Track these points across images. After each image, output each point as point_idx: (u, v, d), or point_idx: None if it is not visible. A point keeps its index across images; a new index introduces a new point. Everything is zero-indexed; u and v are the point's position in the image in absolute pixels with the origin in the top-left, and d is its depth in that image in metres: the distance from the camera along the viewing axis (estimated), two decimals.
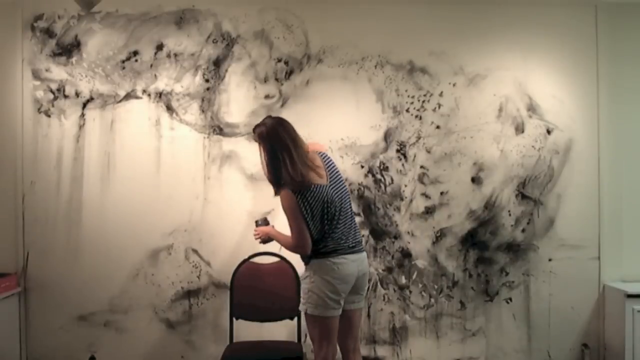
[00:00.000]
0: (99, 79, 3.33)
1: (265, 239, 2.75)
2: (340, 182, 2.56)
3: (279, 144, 2.45)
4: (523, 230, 3.39)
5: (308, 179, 2.44)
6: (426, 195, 3.37)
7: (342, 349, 2.61)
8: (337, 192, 2.51)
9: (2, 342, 3.13)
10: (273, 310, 3.11)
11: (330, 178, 2.51)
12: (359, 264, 2.51)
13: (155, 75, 3.33)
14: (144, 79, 3.33)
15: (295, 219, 2.44)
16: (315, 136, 3.33)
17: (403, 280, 3.37)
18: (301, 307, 2.53)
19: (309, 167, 2.46)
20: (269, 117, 2.62)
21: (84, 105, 3.33)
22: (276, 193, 2.52)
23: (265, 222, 2.81)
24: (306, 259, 2.53)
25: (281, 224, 3.29)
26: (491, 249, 3.38)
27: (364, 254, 2.58)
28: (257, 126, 2.56)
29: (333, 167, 2.57)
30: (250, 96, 3.34)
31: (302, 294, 2.54)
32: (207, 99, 3.34)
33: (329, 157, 2.59)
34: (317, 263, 2.47)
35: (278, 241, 2.68)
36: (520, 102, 3.39)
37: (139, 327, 3.31)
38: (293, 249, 2.53)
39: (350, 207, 2.59)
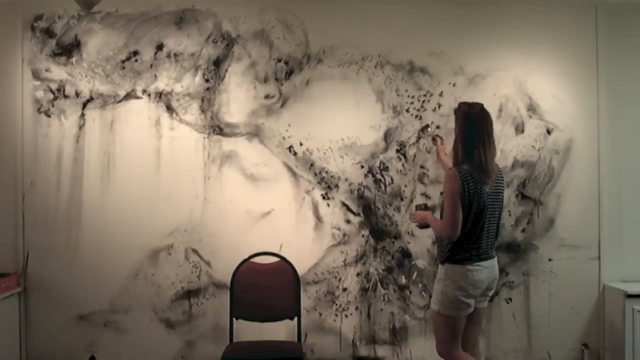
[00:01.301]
0: (99, 79, 3.33)
1: (422, 224, 2.82)
2: (499, 195, 2.65)
3: (481, 127, 2.57)
4: (523, 230, 3.39)
5: (486, 174, 2.55)
6: (426, 196, 3.37)
7: (462, 342, 2.71)
8: (492, 202, 2.60)
9: (2, 342, 3.13)
10: (273, 310, 3.11)
11: (493, 188, 2.61)
12: (490, 269, 2.63)
13: (155, 75, 3.33)
14: (144, 79, 3.33)
15: (453, 200, 2.52)
16: (315, 136, 3.34)
17: (403, 280, 3.37)
18: (433, 307, 2.66)
19: (489, 169, 2.57)
20: (479, 104, 2.70)
21: (84, 105, 3.33)
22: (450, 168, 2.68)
23: (426, 207, 2.90)
24: (442, 258, 2.64)
25: (281, 223, 3.32)
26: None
27: (496, 259, 2.69)
28: (465, 104, 2.69)
29: (501, 182, 2.68)
30: (250, 96, 3.35)
31: (434, 294, 2.66)
32: (207, 99, 3.34)
33: (501, 173, 2.72)
34: (452, 268, 2.58)
35: (431, 224, 2.73)
36: (520, 102, 3.39)
37: (139, 327, 3.31)
38: (443, 229, 2.57)
39: (499, 219, 2.68)
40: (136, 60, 3.33)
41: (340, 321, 3.35)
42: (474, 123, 2.58)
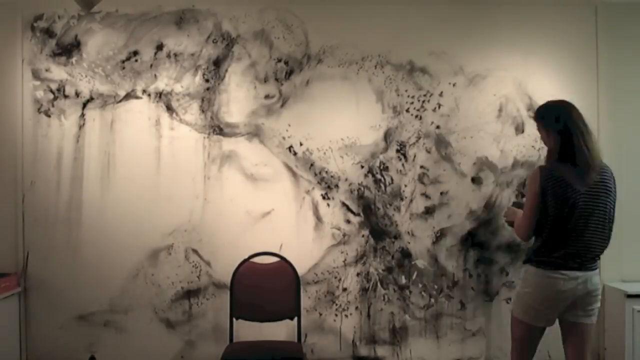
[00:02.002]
0: (99, 79, 3.33)
1: (510, 221, 2.68)
2: (602, 195, 2.32)
3: (574, 120, 2.35)
4: None
5: (585, 170, 2.30)
6: (426, 195, 3.37)
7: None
8: (589, 203, 2.31)
9: (2, 342, 3.13)
10: (273, 310, 3.11)
11: (592, 187, 2.31)
12: (581, 281, 2.31)
13: (155, 75, 3.33)
14: (144, 79, 3.33)
15: (529, 202, 2.37)
16: (315, 136, 3.34)
17: (403, 280, 3.37)
18: (512, 306, 2.55)
19: (592, 164, 2.31)
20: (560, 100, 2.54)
21: (84, 105, 3.33)
22: None
23: (520, 205, 2.65)
24: (525, 257, 2.47)
25: (281, 223, 3.31)
26: (491, 249, 3.37)
27: (595, 271, 2.35)
28: (545, 105, 2.54)
29: (606, 181, 2.34)
30: (250, 96, 3.35)
31: (515, 294, 2.55)
32: (207, 99, 3.34)
33: (607, 171, 2.37)
34: (534, 272, 2.37)
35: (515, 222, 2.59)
36: (520, 102, 3.39)
37: (139, 327, 3.31)
38: (515, 231, 2.52)
39: (603, 224, 2.34)
40: (136, 60, 3.33)
41: (340, 321, 3.35)
42: (565, 118, 2.36)
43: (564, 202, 2.30)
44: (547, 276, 2.33)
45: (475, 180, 3.38)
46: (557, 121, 2.38)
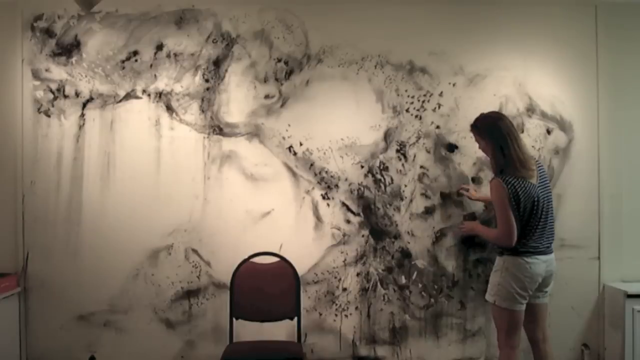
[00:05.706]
0: (99, 79, 3.33)
1: (471, 235, 3.17)
2: (547, 185, 2.75)
3: (504, 129, 2.70)
4: None
5: (527, 170, 2.65)
6: (426, 195, 3.37)
7: (531, 340, 2.86)
8: (544, 194, 2.69)
9: (2, 342, 3.13)
10: (273, 310, 3.12)
11: (539, 179, 2.70)
12: (548, 264, 2.70)
13: (155, 75, 3.33)
14: (144, 79, 3.33)
15: (504, 209, 2.63)
16: (315, 136, 3.34)
17: (403, 280, 3.37)
18: (489, 298, 2.75)
19: (529, 163, 2.68)
20: (494, 112, 2.94)
21: (84, 105, 3.33)
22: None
23: (472, 217, 3.16)
24: (500, 250, 2.74)
25: (281, 223, 3.32)
26: (491, 249, 3.37)
27: (553, 254, 2.75)
28: (480, 118, 2.83)
29: (543, 172, 2.78)
30: (250, 96, 3.35)
31: (490, 285, 2.76)
32: (207, 99, 3.34)
33: (540, 163, 2.83)
34: (510, 260, 2.67)
35: (482, 235, 3.01)
36: (520, 102, 3.39)
37: (139, 327, 3.31)
38: (499, 239, 2.70)
39: (552, 211, 2.75)
40: (136, 60, 3.33)
41: (340, 321, 3.35)
42: (496, 128, 2.70)
43: (529, 198, 2.63)
44: (525, 262, 2.64)
45: (475, 180, 3.38)
46: (492, 135, 2.72)
